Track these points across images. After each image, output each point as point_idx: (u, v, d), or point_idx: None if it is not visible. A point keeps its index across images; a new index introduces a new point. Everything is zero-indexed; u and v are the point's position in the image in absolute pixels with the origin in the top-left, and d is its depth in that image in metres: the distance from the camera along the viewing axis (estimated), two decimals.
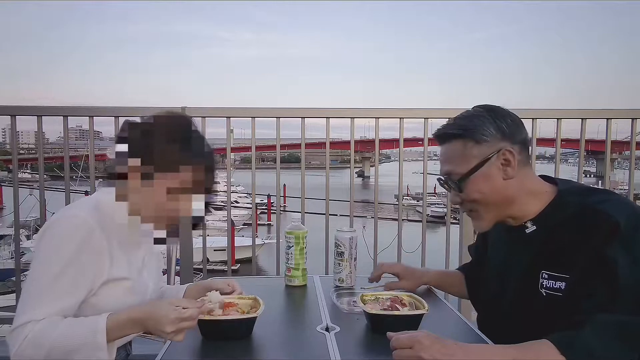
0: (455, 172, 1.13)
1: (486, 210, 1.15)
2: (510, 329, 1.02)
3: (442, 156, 1.19)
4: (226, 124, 2.33)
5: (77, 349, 1.00)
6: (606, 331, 0.92)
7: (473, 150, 1.12)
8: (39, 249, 1.06)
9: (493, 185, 1.12)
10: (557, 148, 2.30)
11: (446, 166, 1.16)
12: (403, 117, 2.33)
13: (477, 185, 1.12)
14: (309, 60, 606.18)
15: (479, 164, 1.11)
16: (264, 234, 20.01)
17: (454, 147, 1.14)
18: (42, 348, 0.98)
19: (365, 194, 21.61)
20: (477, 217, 1.17)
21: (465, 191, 1.13)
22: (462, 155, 1.13)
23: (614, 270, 0.94)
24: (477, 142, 1.12)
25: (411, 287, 1.46)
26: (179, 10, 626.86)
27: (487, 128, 1.12)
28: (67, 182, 2.29)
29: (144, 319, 1.04)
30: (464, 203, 1.17)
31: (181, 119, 1.18)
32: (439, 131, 1.20)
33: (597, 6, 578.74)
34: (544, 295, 1.07)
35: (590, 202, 1.05)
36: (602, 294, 0.95)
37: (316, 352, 1.03)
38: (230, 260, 2.62)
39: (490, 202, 1.13)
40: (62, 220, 1.08)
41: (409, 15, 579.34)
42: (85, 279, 1.06)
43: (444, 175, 1.17)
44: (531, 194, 1.14)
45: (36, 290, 1.03)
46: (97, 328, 1.02)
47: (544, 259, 1.09)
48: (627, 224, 0.97)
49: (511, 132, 1.12)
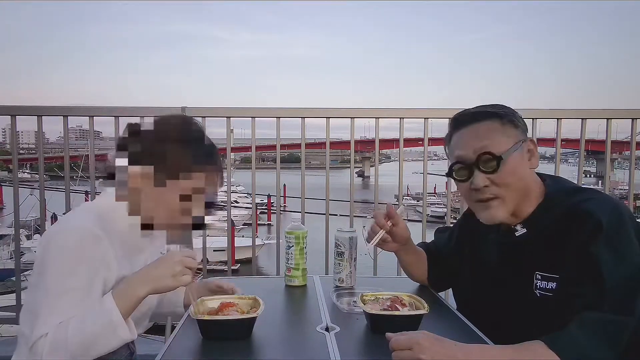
0: (494, 148, 1.10)
1: (511, 196, 1.12)
2: (507, 330, 1.02)
3: (472, 134, 1.14)
4: (226, 124, 2.33)
5: (96, 337, 1.00)
6: (593, 329, 0.93)
7: (511, 131, 1.12)
8: (46, 262, 1.05)
9: (523, 170, 1.12)
10: (557, 148, 2.30)
11: (480, 142, 1.11)
12: (403, 117, 2.33)
13: (514, 165, 1.10)
14: (308, 60, 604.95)
15: (517, 144, 1.11)
16: (264, 234, 20.01)
17: (491, 125, 1.13)
18: (63, 350, 0.98)
19: (365, 194, 21.58)
20: (497, 204, 1.12)
21: (501, 170, 1.09)
22: (502, 133, 1.11)
23: (599, 268, 0.96)
24: (514, 125, 1.13)
25: (396, 249, 1.43)
26: (179, 11, 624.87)
27: (518, 117, 1.15)
28: (67, 182, 2.29)
29: (148, 271, 1.06)
30: (491, 187, 1.12)
31: (190, 124, 1.19)
32: (469, 110, 1.17)
33: (597, 6, 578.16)
34: (537, 297, 1.08)
35: (574, 202, 1.07)
36: (589, 292, 0.96)
37: (316, 352, 1.03)
38: (230, 260, 2.62)
39: (517, 187, 1.11)
40: (66, 230, 1.08)
41: (409, 15, 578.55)
42: (96, 287, 1.07)
43: (475, 154, 1.11)
44: (532, 191, 1.15)
45: (47, 303, 1.02)
46: (107, 307, 1.01)
47: (536, 260, 1.10)
48: (610, 222, 0.99)
49: (526, 130, 1.16)
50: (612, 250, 0.97)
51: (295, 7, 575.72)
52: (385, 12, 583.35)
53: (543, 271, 1.08)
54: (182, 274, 1.06)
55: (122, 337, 1.02)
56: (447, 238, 1.48)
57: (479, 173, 1.11)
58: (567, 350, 0.91)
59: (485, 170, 1.11)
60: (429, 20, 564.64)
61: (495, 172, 1.10)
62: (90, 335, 0.99)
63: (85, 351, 1.00)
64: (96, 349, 1.01)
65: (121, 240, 1.14)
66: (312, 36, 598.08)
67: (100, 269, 1.07)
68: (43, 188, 2.44)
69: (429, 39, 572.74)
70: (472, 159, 1.12)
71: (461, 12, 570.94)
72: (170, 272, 1.05)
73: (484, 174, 1.11)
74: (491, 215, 1.14)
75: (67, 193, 2.26)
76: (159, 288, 1.07)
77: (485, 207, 1.15)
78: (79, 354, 0.99)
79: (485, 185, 1.12)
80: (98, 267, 1.07)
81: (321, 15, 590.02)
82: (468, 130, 1.15)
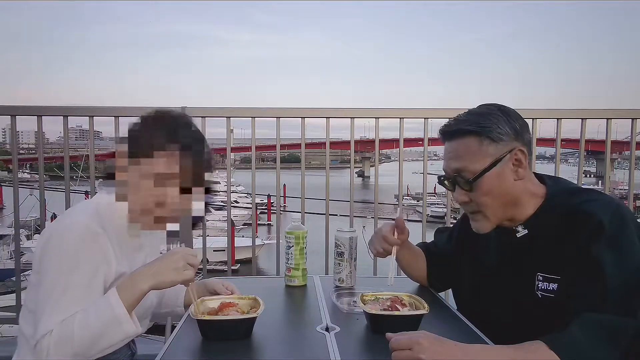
0: (468, 170, 1.10)
1: (493, 212, 1.13)
2: (507, 331, 1.02)
3: (451, 152, 1.15)
4: (226, 124, 2.33)
5: (101, 331, 1.00)
6: (594, 330, 0.93)
7: (489, 149, 1.09)
8: (46, 260, 1.06)
9: (504, 185, 1.11)
10: (557, 148, 2.30)
11: (456, 163, 1.12)
12: (403, 117, 2.33)
13: (490, 185, 1.10)
14: (308, 60, 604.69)
15: (494, 162, 1.09)
16: (264, 234, 20.01)
17: (468, 144, 1.11)
18: (69, 347, 0.98)
19: (365, 194, 21.60)
20: (481, 218, 1.15)
21: (476, 190, 1.11)
22: (477, 153, 1.10)
23: (600, 269, 0.96)
24: (494, 141, 1.10)
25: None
26: (180, 11, 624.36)
27: (503, 127, 1.10)
28: (67, 182, 2.28)
29: (151, 266, 1.06)
30: (471, 203, 1.14)
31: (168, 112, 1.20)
32: (450, 126, 1.15)
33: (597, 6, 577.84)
34: (539, 297, 1.08)
35: (576, 203, 1.07)
36: (591, 293, 0.96)
37: (316, 352, 1.03)
38: (230, 260, 2.62)
39: (498, 203, 1.11)
40: (65, 228, 1.08)
41: (409, 15, 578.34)
42: (97, 283, 1.07)
43: (452, 173, 1.13)
44: (530, 196, 1.14)
45: (50, 301, 1.02)
46: (112, 302, 1.01)
47: (537, 262, 1.10)
48: (611, 223, 0.99)
49: (522, 133, 1.12)
50: (614, 251, 0.97)
51: (296, 7, 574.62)
52: (385, 12, 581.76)
53: (544, 272, 1.08)
54: (185, 269, 1.07)
55: (127, 331, 1.02)
56: (447, 238, 1.48)
57: (458, 189, 1.14)
58: (568, 351, 0.91)
59: (462, 188, 1.13)
60: (429, 20, 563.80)
61: (471, 192, 1.12)
62: (96, 330, 0.99)
63: (91, 346, 0.99)
64: (101, 344, 1.00)
65: (120, 237, 1.14)
66: (312, 36, 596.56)
67: (100, 265, 1.08)
68: (43, 188, 2.44)
69: (429, 38, 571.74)
70: (451, 175, 1.15)
71: (461, 11, 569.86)
72: (174, 266, 1.06)
73: (463, 190, 1.13)
74: (477, 227, 1.17)
75: (67, 193, 2.26)
76: (162, 282, 1.06)
77: (471, 218, 1.18)
78: (84, 349, 0.99)
79: (464, 201, 1.15)
80: (98, 263, 1.07)
81: (321, 16, 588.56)
82: (449, 146, 1.16)
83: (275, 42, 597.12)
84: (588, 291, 0.96)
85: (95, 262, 1.06)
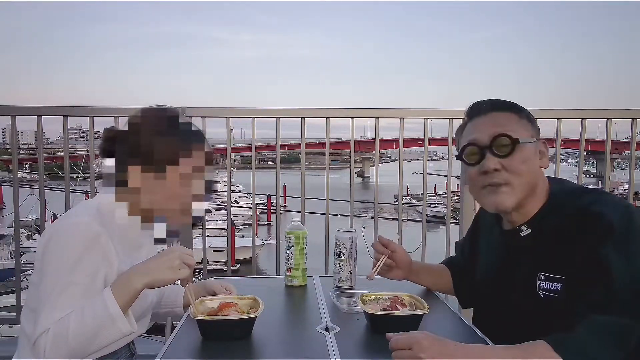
0: (511, 135, 1.09)
1: (521, 185, 1.10)
2: (509, 331, 1.02)
3: (489, 122, 1.13)
4: (226, 124, 2.33)
5: (96, 330, 0.99)
6: (601, 332, 0.92)
7: (528, 126, 1.14)
8: (47, 259, 1.06)
9: (534, 165, 1.12)
10: (557, 148, 2.30)
11: (498, 128, 1.10)
12: (403, 117, 2.33)
13: (527, 155, 1.10)
14: (309, 61, 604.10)
15: (532, 137, 1.13)
16: (264, 234, 20.01)
17: (510, 116, 1.13)
18: (64, 345, 0.98)
19: (365, 194, 21.60)
20: (507, 191, 1.10)
21: (514, 155, 1.09)
22: (519, 124, 1.12)
23: (608, 271, 0.95)
24: (530, 122, 1.15)
25: (402, 276, 1.44)
26: (179, 11, 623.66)
27: (533, 117, 1.17)
28: (67, 182, 2.29)
29: (146, 264, 1.06)
30: (501, 171, 1.09)
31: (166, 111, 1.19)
32: (487, 101, 1.18)
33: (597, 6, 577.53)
34: (541, 297, 1.07)
35: (583, 204, 1.06)
36: (598, 295, 0.95)
37: (316, 352, 1.03)
38: (230, 260, 2.62)
39: (527, 179, 1.10)
40: (67, 228, 1.08)
41: (409, 15, 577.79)
42: (98, 283, 1.07)
43: (490, 139, 1.10)
44: (541, 190, 1.14)
45: (49, 300, 1.02)
46: (105, 300, 1.01)
47: (540, 261, 1.09)
48: (620, 224, 0.98)
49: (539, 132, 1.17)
50: (622, 253, 0.96)
51: (296, 8, 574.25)
52: (385, 12, 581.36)
53: (547, 272, 1.07)
54: (180, 267, 1.06)
55: (121, 329, 1.01)
56: (461, 248, 1.48)
57: (491, 156, 1.09)
58: (573, 353, 0.90)
59: (498, 154, 1.09)
60: (429, 20, 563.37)
61: (508, 156, 1.08)
62: (90, 328, 0.99)
63: (87, 345, 0.99)
64: (96, 342, 1.00)
65: (121, 236, 1.14)
66: (312, 36, 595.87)
67: (101, 265, 1.08)
68: (43, 188, 2.44)
69: (429, 38, 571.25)
70: (486, 142, 1.10)
71: (461, 11, 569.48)
72: (168, 264, 1.05)
73: (497, 157, 1.09)
74: (499, 200, 1.10)
75: (67, 193, 2.26)
76: (156, 280, 1.05)
77: (493, 191, 1.11)
78: (80, 348, 0.99)
79: (495, 169, 1.09)
80: (99, 263, 1.07)
81: (322, 16, 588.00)
82: (486, 117, 1.14)
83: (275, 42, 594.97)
84: (595, 292, 0.95)
85: (96, 262, 1.06)
